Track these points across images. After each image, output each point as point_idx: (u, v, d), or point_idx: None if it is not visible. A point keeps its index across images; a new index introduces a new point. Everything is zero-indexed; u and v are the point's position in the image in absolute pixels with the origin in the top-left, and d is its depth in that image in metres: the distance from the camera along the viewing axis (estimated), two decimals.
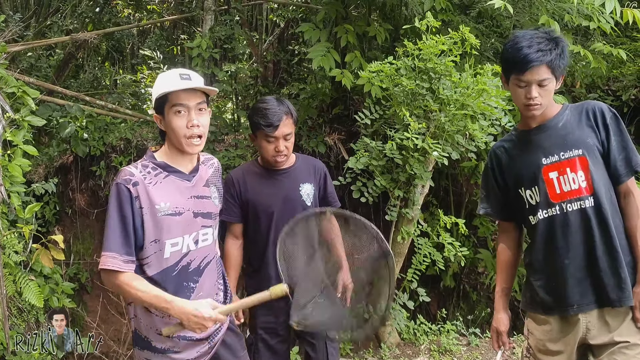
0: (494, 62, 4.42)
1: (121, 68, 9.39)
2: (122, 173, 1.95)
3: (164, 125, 2.02)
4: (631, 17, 3.89)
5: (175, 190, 2.00)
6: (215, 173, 2.22)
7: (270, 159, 2.62)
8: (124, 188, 1.90)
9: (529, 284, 2.25)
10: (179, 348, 2.01)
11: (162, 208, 1.94)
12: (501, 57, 2.19)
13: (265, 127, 2.55)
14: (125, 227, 1.89)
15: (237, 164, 5.53)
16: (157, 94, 1.99)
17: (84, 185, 6.03)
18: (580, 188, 2.07)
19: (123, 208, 1.89)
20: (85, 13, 8.28)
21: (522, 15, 4.77)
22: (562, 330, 2.13)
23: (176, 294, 1.96)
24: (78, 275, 5.81)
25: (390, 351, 4.18)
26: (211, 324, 1.91)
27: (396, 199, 3.97)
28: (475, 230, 5.39)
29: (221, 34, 6.01)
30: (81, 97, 6.25)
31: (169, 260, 1.97)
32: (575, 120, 2.14)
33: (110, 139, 5.74)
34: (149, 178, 1.96)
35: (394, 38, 5.02)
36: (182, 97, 1.97)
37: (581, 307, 2.06)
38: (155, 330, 1.98)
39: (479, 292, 5.62)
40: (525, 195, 2.19)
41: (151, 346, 1.99)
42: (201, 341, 2.06)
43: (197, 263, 2.05)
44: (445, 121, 3.62)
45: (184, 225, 2.00)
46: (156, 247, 1.95)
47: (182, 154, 2.04)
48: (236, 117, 6.53)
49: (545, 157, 2.12)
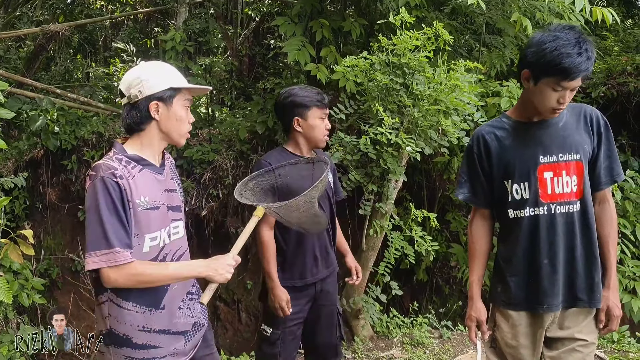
0: (467, 59, 4.48)
1: (93, 61, 9.25)
2: (102, 168, 1.87)
3: (160, 113, 1.98)
4: (600, 16, 3.97)
5: (151, 184, 1.98)
6: (172, 167, 2.20)
7: (323, 138, 2.80)
8: (112, 182, 1.85)
9: (501, 278, 2.23)
10: (158, 343, 2.00)
11: (142, 202, 1.91)
12: (536, 56, 1.98)
13: (321, 102, 2.73)
14: (121, 220, 1.85)
15: (212, 158, 5.50)
16: (174, 83, 1.99)
17: (55, 179, 5.93)
18: (572, 192, 2.08)
19: (115, 202, 1.84)
20: (57, 4, 8.12)
21: (495, 12, 4.84)
22: (529, 324, 2.17)
23: (155, 289, 1.97)
24: (49, 271, 5.72)
25: (363, 344, 4.21)
26: (234, 263, 1.98)
27: (370, 194, 3.98)
28: (448, 224, 5.46)
29: (195, 27, 5.97)
30: (52, 89, 6.15)
31: (147, 255, 1.95)
32: (574, 123, 2.13)
33: (82, 132, 5.65)
34: (127, 171, 1.92)
35: (369, 33, 5.04)
36: (192, 94, 2.08)
37: (551, 307, 2.11)
38: (137, 327, 1.96)
39: (451, 286, 5.70)
40: (510, 188, 2.14)
41: (132, 343, 1.96)
42: (178, 335, 2.06)
43: (171, 257, 2.04)
44: (418, 116, 3.65)
45: (161, 220, 1.99)
46: (136, 241, 1.92)
47: (159, 146, 2.04)
48: (210, 111, 6.49)
49: (544, 155, 2.09)
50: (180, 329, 2.06)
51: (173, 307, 2.04)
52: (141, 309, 1.96)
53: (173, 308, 2.04)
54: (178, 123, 2.01)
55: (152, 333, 1.98)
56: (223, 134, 5.89)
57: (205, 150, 5.56)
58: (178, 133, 2.03)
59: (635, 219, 4.66)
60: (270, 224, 2.67)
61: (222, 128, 6.00)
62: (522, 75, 2.07)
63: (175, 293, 2.04)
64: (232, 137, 5.76)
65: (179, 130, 2.03)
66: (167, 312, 2.01)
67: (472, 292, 2.27)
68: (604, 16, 3.97)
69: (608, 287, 2.14)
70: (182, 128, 2.03)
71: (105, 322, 1.98)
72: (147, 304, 1.97)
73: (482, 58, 5.18)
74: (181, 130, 2.03)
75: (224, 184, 5.47)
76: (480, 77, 4.06)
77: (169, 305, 2.02)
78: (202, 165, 5.54)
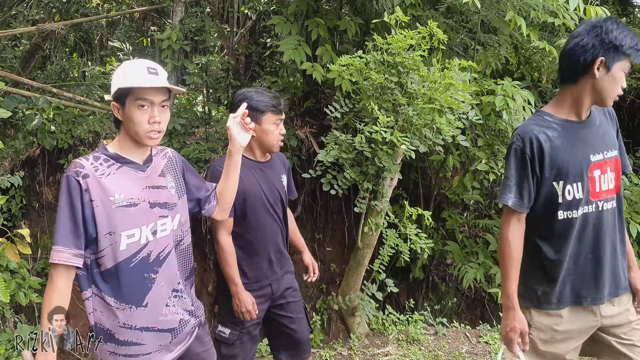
0: (463, 57, 4.50)
1: (89, 60, 9.23)
2: (72, 165, 1.93)
3: (121, 114, 2.00)
4: (594, 14, 4.00)
5: (130, 181, 1.99)
6: (170, 163, 2.18)
7: (276, 144, 2.75)
8: (73, 180, 1.89)
9: (542, 279, 2.20)
10: (141, 340, 2.01)
11: (116, 200, 1.93)
12: (610, 37, 1.99)
13: (276, 108, 2.69)
14: (74, 220, 1.89)
15: (208, 157, 5.51)
16: (121, 84, 1.95)
17: (52, 178, 5.93)
18: (612, 188, 2.16)
19: (72, 201, 1.88)
20: (52, 3, 8.09)
21: (490, 10, 4.86)
22: (571, 318, 2.19)
23: (136, 286, 1.97)
24: (45, 270, 5.71)
25: (359, 341, 4.24)
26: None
27: (365, 192, 4.01)
28: (444, 222, 5.49)
29: (192, 25, 5.96)
30: (48, 89, 6.13)
31: (124, 253, 1.96)
32: (605, 120, 2.22)
33: (78, 131, 5.65)
34: (101, 170, 1.94)
35: (365, 32, 5.05)
36: (148, 93, 1.96)
37: (594, 301, 2.16)
38: (118, 323, 1.98)
39: (447, 284, 5.73)
40: (561, 190, 2.11)
41: (115, 339, 1.99)
42: (164, 332, 2.06)
43: (156, 253, 2.04)
44: (413, 115, 3.67)
45: (141, 216, 1.99)
46: (111, 239, 1.93)
47: (137, 144, 2.03)
48: (207, 110, 6.49)
49: (593, 154, 2.12)
50: (166, 327, 2.07)
51: (159, 305, 2.05)
52: (121, 305, 1.97)
53: (159, 306, 2.05)
54: (133, 124, 1.96)
55: (133, 330, 1.99)
56: (219, 133, 5.89)
57: (202, 148, 5.57)
58: (138, 134, 1.98)
59: (629, 216, 4.70)
60: (229, 229, 2.68)
61: (218, 127, 6.00)
62: (593, 66, 2.02)
63: (160, 291, 2.05)
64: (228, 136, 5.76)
65: (137, 131, 1.97)
66: (150, 309, 2.02)
67: (514, 302, 2.16)
68: (597, 14, 3.99)
69: (633, 269, 2.25)
70: (139, 129, 1.96)
71: (91, 317, 2.01)
72: (127, 301, 1.98)
73: (477, 56, 5.21)
74: (139, 131, 1.97)
75: None
76: (475, 75, 4.08)
77: (154, 302, 2.03)
78: (198, 164, 5.55)
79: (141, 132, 1.97)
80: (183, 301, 2.14)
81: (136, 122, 1.96)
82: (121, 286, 1.97)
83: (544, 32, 6.08)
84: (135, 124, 1.96)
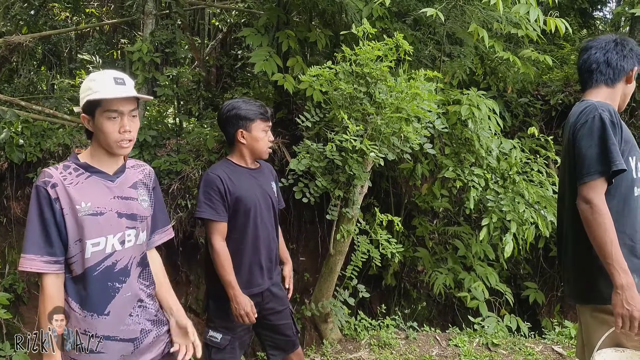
0: (431, 68, 4.62)
1: (58, 72, 9.15)
2: (41, 175, 1.95)
3: (91, 126, 2.01)
4: (554, 25, 4.17)
5: (98, 191, 2.01)
6: (146, 178, 2.20)
7: (266, 150, 2.85)
8: (42, 190, 1.91)
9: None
10: (101, 348, 1.99)
11: (82, 208, 1.94)
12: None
13: (264, 116, 2.80)
14: (45, 228, 1.90)
15: (179, 169, 5.51)
16: (89, 96, 1.97)
17: (20, 192, 5.85)
18: None
19: (43, 210, 1.90)
20: (20, 15, 8.03)
21: (455, 23, 5.01)
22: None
23: (99, 294, 1.97)
24: (14, 285, 5.62)
25: (332, 347, 4.28)
26: None
27: (337, 199, 4.07)
28: (414, 229, 5.59)
29: (162, 38, 5.97)
30: (16, 102, 6.07)
31: (89, 260, 1.96)
32: None
33: (47, 144, 5.60)
34: (70, 179, 1.96)
35: (335, 44, 5.15)
36: (116, 104, 1.97)
37: None
38: (80, 329, 1.97)
39: (418, 290, 5.82)
40: (634, 165, 2.11)
41: (77, 345, 1.99)
42: (126, 342, 2.05)
43: (124, 263, 2.04)
44: (381, 124, 3.76)
45: (107, 225, 2.00)
46: (79, 247, 1.95)
47: (108, 154, 2.05)
48: (178, 122, 6.50)
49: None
50: (128, 336, 2.05)
51: (122, 314, 2.03)
52: (83, 312, 1.97)
53: (122, 315, 2.03)
54: (104, 135, 1.98)
55: (93, 338, 1.98)
56: (191, 144, 5.90)
57: (173, 160, 5.57)
58: (109, 144, 2.00)
59: None
60: (223, 234, 2.72)
61: (189, 138, 6.02)
62: (628, 75, 2.29)
63: (125, 301, 2.04)
64: (200, 147, 5.78)
65: (108, 142, 1.99)
66: (113, 318, 2.01)
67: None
68: (557, 25, 4.16)
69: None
70: (110, 139, 1.98)
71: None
72: (88, 308, 1.97)
73: (444, 67, 5.35)
74: (110, 141, 1.99)
75: (192, 194, 5.48)
76: (441, 85, 4.20)
77: (117, 311, 2.02)
78: (170, 176, 5.55)
79: (112, 142, 1.99)
80: (147, 311, 2.13)
81: (107, 133, 1.98)
82: (86, 293, 1.97)
83: (508, 43, 6.28)
84: (106, 134, 1.98)
